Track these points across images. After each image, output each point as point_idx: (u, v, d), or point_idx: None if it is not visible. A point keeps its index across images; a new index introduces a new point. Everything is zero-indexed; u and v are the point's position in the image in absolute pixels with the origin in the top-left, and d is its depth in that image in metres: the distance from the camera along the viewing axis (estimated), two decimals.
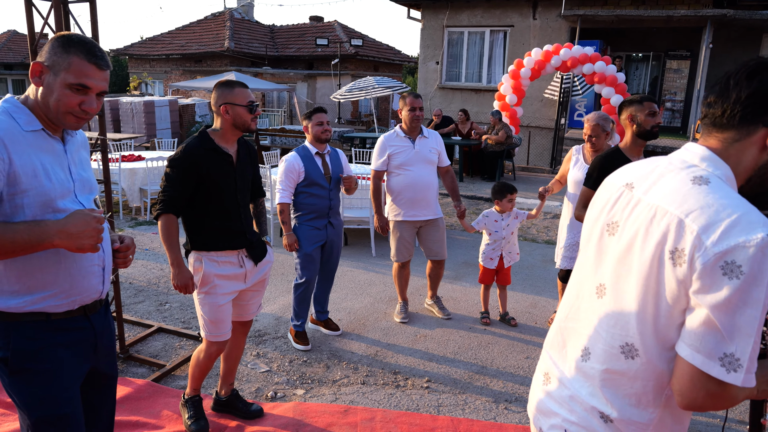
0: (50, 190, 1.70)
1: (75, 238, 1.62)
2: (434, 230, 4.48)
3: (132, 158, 9.11)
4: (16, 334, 1.72)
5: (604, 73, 11.01)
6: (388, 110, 23.63)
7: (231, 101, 2.71)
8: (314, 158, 4.00)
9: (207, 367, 3.00)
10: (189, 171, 2.68)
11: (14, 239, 1.58)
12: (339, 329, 4.34)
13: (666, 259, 1.13)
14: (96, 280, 1.85)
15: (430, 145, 4.38)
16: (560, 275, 4.54)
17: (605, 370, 1.25)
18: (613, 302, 1.25)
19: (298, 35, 25.47)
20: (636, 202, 1.25)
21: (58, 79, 1.68)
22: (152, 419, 3.12)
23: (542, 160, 13.76)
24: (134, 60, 25.46)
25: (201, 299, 2.81)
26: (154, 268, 5.84)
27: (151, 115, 14.98)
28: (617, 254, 1.26)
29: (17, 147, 1.64)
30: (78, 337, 1.84)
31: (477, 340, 4.31)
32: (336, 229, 4.14)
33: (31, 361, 1.74)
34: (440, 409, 3.36)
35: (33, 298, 1.72)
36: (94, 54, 1.70)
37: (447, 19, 14.58)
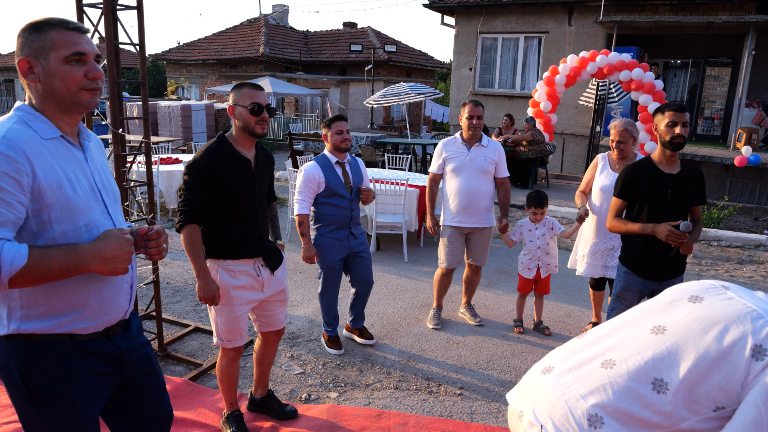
0: (77, 201, 1.61)
1: (110, 263, 1.56)
2: (481, 238, 4.48)
3: (170, 161, 9.32)
4: (37, 356, 1.62)
5: (642, 80, 10.82)
6: (420, 116, 23.66)
7: (236, 102, 2.63)
8: (334, 167, 3.91)
9: (232, 372, 2.96)
10: (209, 177, 2.59)
11: (51, 266, 1.49)
12: (373, 339, 4.25)
13: (741, 349, 1.20)
14: (124, 298, 1.78)
15: (487, 154, 4.36)
16: (591, 283, 4.49)
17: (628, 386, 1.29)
18: (669, 343, 1.30)
19: (331, 41, 25.71)
20: (731, 302, 1.32)
21: (51, 61, 1.57)
22: (190, 415, 3.19)
23: (576, 168, 13.58)
24: (172, 65, 26.05)
25: (218, 309, 2.77)
26: (191, 269, 5.96)
27: (188, 119, 15.30)
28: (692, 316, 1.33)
29: (39, 158, 1.54)
30: (101, 358, 1.74)
31: (510, 348, 4.27)
32: (358, 239, 4.03)
33: (54, 385, 1.65)
34: (473, 416, 3.34)
35: (60, 321, 1.63)
36: (68, 22, 1.61)
37: (481, 26, 14.54)
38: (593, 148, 12.38)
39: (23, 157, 1.49)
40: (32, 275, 1.47)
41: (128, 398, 1.90)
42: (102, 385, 1.76)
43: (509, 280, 5.83)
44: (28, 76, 1.59)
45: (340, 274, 4.08)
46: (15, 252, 1.43)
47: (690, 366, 1.23)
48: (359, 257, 4.06)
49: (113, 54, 3.41)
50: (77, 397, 1.68)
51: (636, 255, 3.25)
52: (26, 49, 1.58)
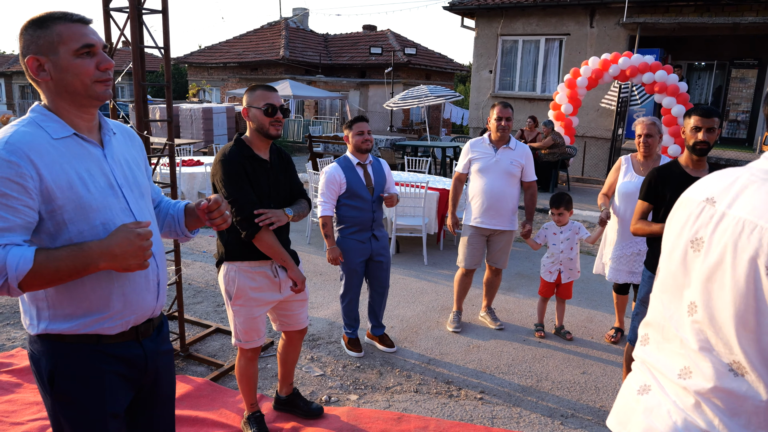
0: (90, 200, 1.57)
1: (120, 259, 1.50)
2: (502, 241, 4.46)
3: (191, 163, 9.43)
4: (63, 356, 1.63)
5: (665, 83, 10.68)
6: (439, 119, 23.62)
7: (250, 104, 2.64)
8: (356, 169, 3.91)
9: (250, 372, 2.98)
10: (242, 175, 2.62)
11: (58, 268, 1.46)
12: (394, 347, 4.20)
13: (763, 274, 1.08)
14: (150, 296, 1.75)
15: (513, 157, 4.32)
16: (615, 288, 4.44)
17: (713, 388, 1.17)
18: (708, 321, 1.19)
19: (351, 44, 25.81)
20: (720, 217, 1.20)
21: (62, 56, 1.54)
22: (212, 415, 3.21)
23: (597, 171, 13.43)
24: (193, 68, 26.36)
25: (236, 311, 2.79)
26: (212, 270, 6.01)
27: (209, 122, 15.46)
28: (705, 271, 1.20)
29: (46, 159, 1.51)
30: (127, 362, 1.73)
31: (531, 352, 4.24)
32: (381, 242, 4.03)
33: (79, 386, 1.65)
34: (494, 421, 3.32)
35: (86, 321, 1.62)
36: (71, 14, 1.57)
37: (501, 28, 14.47)
38: (615, 151, 12.24)
39: (26, 161, 1.47)
40: (41, 278, 1.45)
41: (139, 405, 1.88)
42: (124, 389, 1.76)
43: (530, 284, 5.79)
44: (39, 74, 1.56)
45: (362, 277, 4.08)
46: (20, 257, 1.42)
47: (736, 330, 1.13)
48: (380, 261, 4.06)
49: (138, 57, 3.46)
50: (99, 401, 1.68)
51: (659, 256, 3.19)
52: (33, 46, 1.54)
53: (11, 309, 4.78)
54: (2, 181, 1.44)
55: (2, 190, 1.44)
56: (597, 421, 3.35)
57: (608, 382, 3.81)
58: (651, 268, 3.25)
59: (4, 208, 1.45)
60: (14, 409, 3.25)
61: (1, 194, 1.44)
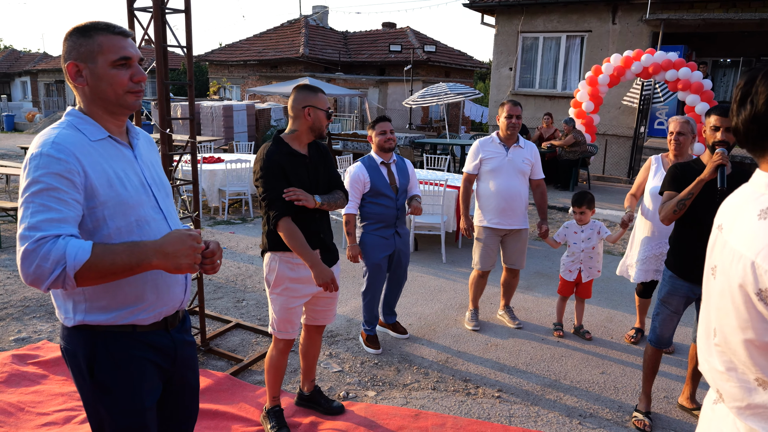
0: (128, 198, 1.68)
1: (172, 258, 1.53)
2: (517, 240, 4.44)
3: (212, 160, 9.52)
4: (101, 346, 1.71)
5: (689, 80, 10.52)
6: (458, 116, 23.53)
7: (314, 104, 2.78)
8: (380, 168, 3.98)
9: (279, 365, 3.04)
10: (278, 172, 2.72)
11: (114, 261, 1.50)
12: (407, 333, 4.36)
13: (755, 301, 1.12)
14: (179, 289, 1.84)
15: (524, 156, 4.32)
16: (638, 290, 4.39)
17: (747, 405, 1.20)
18: (725, 344, 1.23)
19: (370, 41, 25.82)
20: (723, 245, 1.25)
21: (98, 65, 1.64)
22: (231, 409, 3.26)
23: (619, 170, 13.29)
24: (214, 66, 26.59)
25: (274, 298, 2.90)
26: (232, 266, 6.08)
27: (230, 119, 15.59)
28: (717, 298, 1.25)
29: (89, 159, 1.61)
30: (158, 351, 1.82)
31: (550, 352, 4.22)
32: (403, 238, 4.13)
33: (116, 374, 1.73)
34: (512, 419, 3.31)
35: (121, 313, 1.71)
36: (114, 26, 1.66)
37: (522, 25, 14.37)
38: (637, 149, 12.10)
39: (73, 158, 1.57)
40: (96, 271, 1.48)
41: (166, 396, 1.93)
42: (157, 377, 1.84)
43: (549, 283, 5.76)
44: (77, 79, 1.66)
45: (386, 273, 4.15)
46: (78, 247, 1.46)
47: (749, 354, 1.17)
48: (399, 257, 4.15)
49: (162, 56, 3.51)
50: (136, 387, 1.76)
51: (683, 258, 3.15)
52: (74, 53, 1.64)
53: (37, 303, 4.89)
54: (54, 176, 1.53)
55: (54, 185, 1.53)
56: (616, 421, 3.32)
57: (628, 382, 3.78)
58: (671, 268, 3.22)
59: (57, 201, 1.52)
60: (40, 399, 3.34)
61: (54, 188, 1.52)
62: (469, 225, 4.46)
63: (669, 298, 3.21)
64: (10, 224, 7.47)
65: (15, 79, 39.35)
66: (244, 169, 8.72)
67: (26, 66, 37.70)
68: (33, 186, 1.52)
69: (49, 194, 1.52)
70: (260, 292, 5.31)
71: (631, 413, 3.40)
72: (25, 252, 1.44)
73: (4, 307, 4.77)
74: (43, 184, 1.52)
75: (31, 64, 37.57)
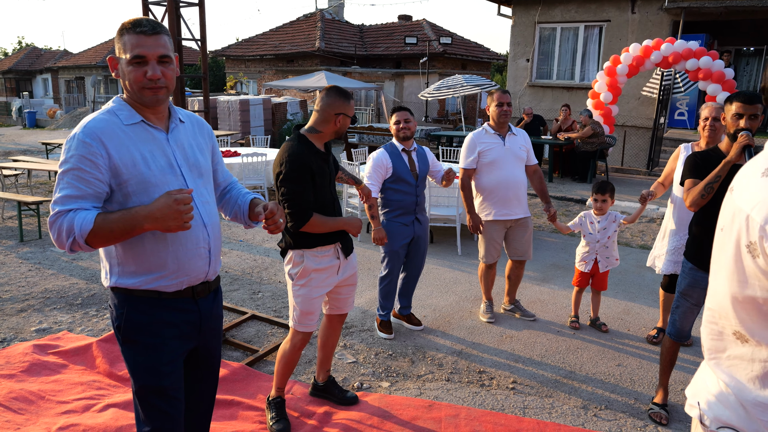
0: (150, 176, 1.83)
1: (161, 221, 1.71)
2: (523, 230, 4.40)
3: (229, 154, 9.60)
4: (130, 307, 1.91)
5: (710, 69, 10.33)
6: (475, 108, 23.38)
7: (345, 112, 2.84)
8: (401, 155, 4.06)
9: (292, 359, 3.06)
10: (304, 171, 2.75)
11: (111, 229, 1.73)
12: (421, 324, 4.37)
13: (744, 253, 1.19)
14: (202, 261, 1.97)
15: (520, 143, 4.32)
16: (663, 284, 4.25)
17: (727, 357, 1.31)
18: (713, 297, 1.33)
19: (386, 34, 25.74)
20: (731, 204, 1.30)
21: (122, 62, 1.82)
22: (247, 399, 3.29)
23: (638, 161, 13.11)
24: (231, 60, 26.73)
25: (296, 290, 2.91)
26: (248, 259, 6.13)
27: (246, 113, 15.68)
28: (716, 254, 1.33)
29: (115, 141, 1.79)
30: (184, 318, 1.99)
31: (565, 344, 4.19)
32: (423, 225, 4.19)
33: (140, 333, 1.92)
34: (526, 411, 3.30)
35: (147, 278, 1.89)
36: (140, 24, 1.79)
37: (539, 15, 14.21)
38: (657, 140, 11.92)
39: (98, 142, 1.76)
40: (101, 236, 1.73)
41: (194, 361, 2.14)
42: (181, 341, 2.00)
43: (565, 275, 5.71)
44: (114, 72, 1.87)
45: (403, 259, 4.20)
46: (83, 219, 1.71)
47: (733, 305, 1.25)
48: (419, 244, 4.20)
49: (176, 50, 3.54)
50: (158, 348, 1.94)
51: (704, 248, 3.08)
52: (114, 49, 1.85)
53: (58, 294, 4.98)
54: (79, 158, 1.76)
55: (78, 165, 1.76)
56: (631, 413, 3.30)
57: (644, 375, 3.74)
58: (691, 259, 3.16)
59: (78, 180, 1.76)
60: (60, 388, 3.40)
61: (77, 168, 1.76)
62: (477, 221, 4.37)
63: (689, 291, 3.15)
64: (32, 218, 7.60)
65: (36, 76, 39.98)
66: (260, 162, 8.76)
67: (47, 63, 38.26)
68: (63, 165, 1.77)
69: (73, 173, 1.75)
70: (276, 284, 5.35)
71: (648, 405, 3.37)
72: (49, 223, 1.75)
73: (25, 299, 4.86)
74: (70, 164, 1.76)
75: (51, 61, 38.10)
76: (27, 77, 40.49)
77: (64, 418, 3.09)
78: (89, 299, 4.88)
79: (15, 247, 6.43)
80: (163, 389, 1.96)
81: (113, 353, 3.78)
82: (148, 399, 1.97)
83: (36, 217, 7.16)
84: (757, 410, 1.23)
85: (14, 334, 4.18)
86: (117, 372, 3.58)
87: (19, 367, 3.61)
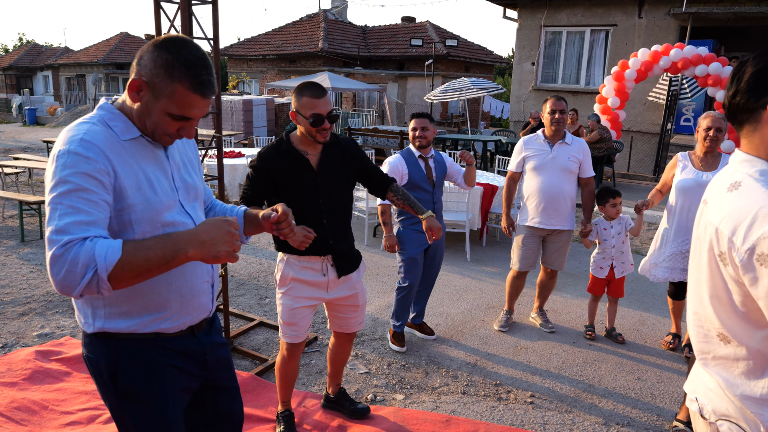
0: (156, 202, 1.57)
1: (209, 246, 1.41)
2: (559, 241, 4.28)
3: (232, 154, 9.47)
4: (124, 354, 1.62)
5: (720, 75, 10.24)
6: (478, 111, 23.30)
7: (297, 109, 2.57)
8: (418, 162, 3.95)
9: (285, 371, 2.93)
10: (261, 172, 2.62)
11: (147, 257, 1.38)
12: (434, 334, 4.26)
13: (718, 262, 1.31)
14: (206, 298, 1.75)
15: (571, 153, 4.16)
16: (669, 292, 4.17)
17: (712, 357, 1.41)
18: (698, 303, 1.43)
19: (389, 36, 25.65)
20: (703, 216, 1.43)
21: (158, 105, 1.53)
22: (258, 411, 3.18)
23: (644, 167, 13.02)
24: (233, 60, 26.62)
25: (279, 297, 2.81)
26: (254, 263, 6.01)
27: (249, 113, 15.57)
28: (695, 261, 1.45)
29: (119, 158, 1.51)
30: (186, 357, 1.73)
31: (582, 355, 4.08)
32: None
33: (138, 383, 1.64)
34: (546, 427, 3.19)
35: (143, 321, 1.61)
36: (201, 82, 1.51)
37: (545, 19, 14.12)
38: (663, 146, 11.83)
39: (103, 157, 1.47)
40: (130, 270, 1.37)
41: (205, 402, 1.87)
42: (186, 383, 1.75)
43: (577, 283, 5.61)
44: (132, 94, 1.53)
45: (421, 267, 4.05)
46: (108, 247, 1.36)
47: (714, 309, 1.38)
48: (436, 252, 4.10)
49: None
50: (163, 395, 1.67)
51: None
52: (147, 73, 1.51)
53: (60, 297, 4.86)
54: (83, 176, 1.43)
55: (83, 185, 1.43)
56: (655, 430, 3.19)
57: (665, 389, 3.64)
58: None
59: (85, 203, 1.42)
60: (64, 398, 3.29)
61: (83, 189, 1.42)
62: (510, 223, 4.32)
63: None
64: (33, 217, 7.48)
65: (37, 73, 39.83)
66: None
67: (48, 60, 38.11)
68: (61, 186, 1.41)
69: (77, 195, 1.41)
70: None
71: (671, 421, 3.26)
72: (52, 257, 1.35)
73: (27, 302, 4.75)
74: (72, 185, 1.42)
75: (52, 58, 37.97)
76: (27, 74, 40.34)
77: (68, 430, 2.98)
78: None
79: (16, 248, 6.31)
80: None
81: None
82: None
83: (38, 216, 7.05)
84: (746, 403, 1.33)
85: (16, 339, 4.07)
86: None
87: (21, 374, 3.49)
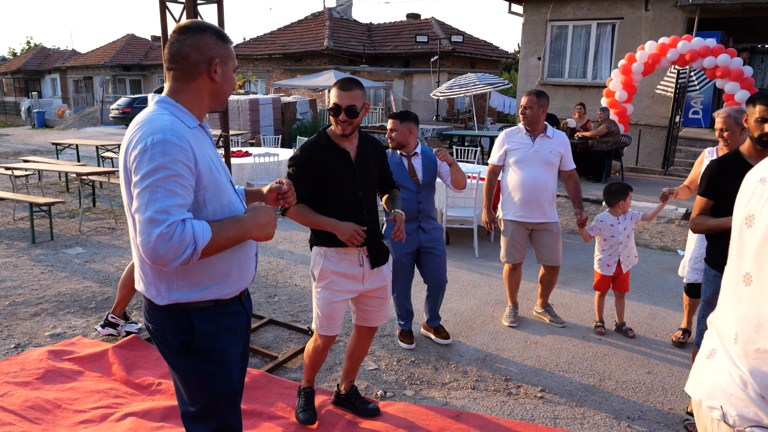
0: (222, 182, 1.80)
1: (264, 228, 1.77)
2: (547, 235, 4.27)
3: (240, 154, 9.51)
4: (197, 319, 1.82)
5: (728, 67, 10.16)
6: (484, 107, 23.23)
7: (329, 103, 2.74)
8: (401, 161, 3.88)
9: (317, 359, 3.05)
10: (306, 168, 2.72)
11: (228, 236, 1.70)
12: (449, 338, 4.13)
13: None
14: (253, 266, 2.00)
15: (552, 146, 4.16)
16: (686, 289, 4.16)
17: (756, 350, 1.31)
18: (759, 288, 1.31)
19: (395, 33, 25.62)
20: (764, 193, 1.32)
21: (228, 69, 1.82)
22: (268, 408, 3.19)
23: (652, 161, 12.94)
24: (239, 60, 26.68)
25: (317, 292, 2.85)
26: (263, 261, 6.03)
27: (256, 113, 15.60)
28: (755, 244, 1.32)
29: (195, 144, 1.71)
30: (238, 321, 1.95)
31: (592, 350, 4.07)
32: (429, 234, 3.94)
33: (211, 343, 1.85)
34: (557, 421, 3.19)
35: (209, 289, 1.83)
36: (224, 37, 1.83)
37: (551, 13, 14.05)
38: (672, 139, 11.75)
39: (188, 146, 1.67)
40: (215, 246, 1.67)
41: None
42: (240, 347, 1.99)
43: (586, 278, 5.59)
44: (212, 74, 1.77)
45: (410, 269, 4.01)
46: (202, 227, 1.63)
47: None
48: (430, 254, 3.98)
49: None
50: (229, 354, 1.90)
51: (725, 254, 2.94)
52: (213, 53, 1.77)
53: (71, 297, 4.90)
54: (179, 163, 1.63)
55: (180, 171, 1.63)
56: (666, 424, 3.18)
57: (676, 383, 3.62)
58: (714, 266, 3.00)
59: (180, 187, 1.63)
60: (77, 396, 3.32)
61: (179, 175, 1.63)
62: (491, 219, 4.33)
63: (715, 298, 2.99)
64: (43, 219, 7.54)
65: (45, 76, 40.12)
66: (273, 162, 8.67)
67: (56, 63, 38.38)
68: (161, 171, 1.60)
69: (175, 180, 1.62)
70: (292, 287, 5.25)
71: (683, 416, 3.25)
72: (159, 235, 1.56)
73: (39, 302, 4.79)
74: (171, 171, 1.61)
75: (60, 61, 38.22)
76: (36, 77, 40.63)
77: (81, 428, 3.00)
78: (103, 303, 4.80)
79: (27, 249, 6.37)
80: (237, 393, 1.95)
81: (130, 360, 3.69)
82: (223, 411, 1.92)
83: (48, 218, 7.10)
84: None
85: (28, 339, 4.11)
86: (134, 379, 3.49)
87: (35, 374, 3.52)
